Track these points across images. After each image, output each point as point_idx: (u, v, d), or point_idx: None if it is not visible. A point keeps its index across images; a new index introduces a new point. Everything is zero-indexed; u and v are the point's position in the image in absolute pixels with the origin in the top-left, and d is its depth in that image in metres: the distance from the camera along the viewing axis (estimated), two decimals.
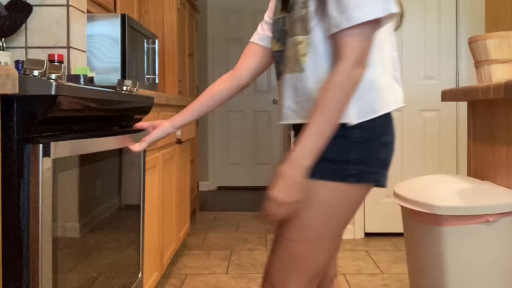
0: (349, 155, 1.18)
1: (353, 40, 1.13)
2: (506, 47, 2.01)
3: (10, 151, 1.12)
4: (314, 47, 1.20)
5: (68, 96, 1.20)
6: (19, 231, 1.14)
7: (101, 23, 2.50)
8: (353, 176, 1.19)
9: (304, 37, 1.21)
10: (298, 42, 1.22)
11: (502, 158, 1.90)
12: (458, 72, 3.86)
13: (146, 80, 2.94)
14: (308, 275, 1.23)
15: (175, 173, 2.97)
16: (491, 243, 1.60)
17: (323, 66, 1.19)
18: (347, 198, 1.21)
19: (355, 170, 1.19)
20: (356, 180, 1.19)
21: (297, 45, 1.22)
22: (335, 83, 1.13)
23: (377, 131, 1.21)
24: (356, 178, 1.19)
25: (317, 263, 1.23)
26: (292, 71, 1.25)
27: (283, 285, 1.23)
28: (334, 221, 1.22)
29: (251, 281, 2.89)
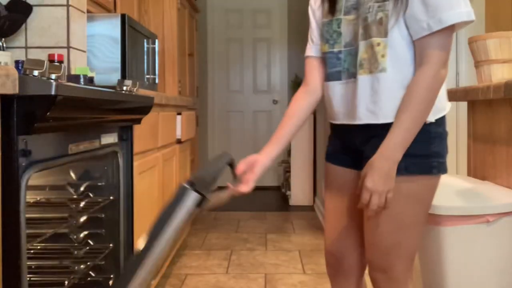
0: (430, 149, 1.31)
1: (440, 43, 1.24)
2: (506, 47, 2.01)
3: (10, 151, 1.12)
4: (393, 48, 1.28)
5: (68, 96, 1.20)
6: (19, 231, 1.14)
7: (101, 23, 2.50)
8: (435, 168, 1.32)
9: (382, 39, 1.28)
10: (377, 43, 1.29)
11: (502, 158, 1.90)
12: (458, 72, 3.85)
13: (146, 80, 2.94)
14: (409, 257, 1.37)
15: (175, 173, 2.97)
16: (491, 243, 1.60)
17: (403, 66, 1.28)
18: (429, 188, 1.34)
19: (436, 163, 1.32)
20: (437, 172, 1.33)
21: (375, 46, 1.29)
22: (423, 84, 1.24)
23: (444, 125, 1.35)
24: (437, 170, 1.32)
25: (414, 246, 1.37)
26: (370, 72, 1.31)
27: (394, 270, 1.36)
28: (421, 209, 1.35)
29: (251, 281, 2.89)
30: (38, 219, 1.78)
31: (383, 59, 1.28)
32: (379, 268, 1.38)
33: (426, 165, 1.31)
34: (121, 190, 1.87)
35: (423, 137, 1.29)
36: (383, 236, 1.35)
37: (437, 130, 1.32)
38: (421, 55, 1.25)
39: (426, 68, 1.24)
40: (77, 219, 1.83)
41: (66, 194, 1.86)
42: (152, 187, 2.39)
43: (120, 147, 1.86)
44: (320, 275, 2.98)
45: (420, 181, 1.32)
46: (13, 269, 1.13)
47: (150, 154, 2.37)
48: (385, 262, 1.36)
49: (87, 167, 1.87)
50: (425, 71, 1.24)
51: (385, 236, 1.34)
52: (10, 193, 1.12)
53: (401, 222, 1.33)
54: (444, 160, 1.34)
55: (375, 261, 1.38)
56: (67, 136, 1.41)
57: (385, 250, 1.36)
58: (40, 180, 1.84)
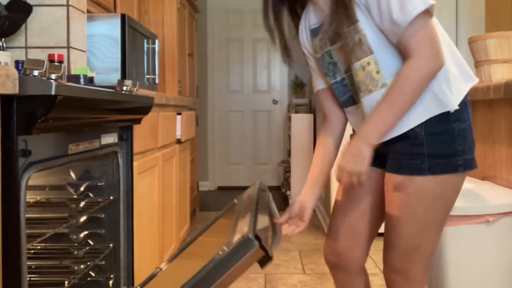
0: (455, 147, 1.30)
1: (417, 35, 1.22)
2: (506, 47, 2.01)
3: (10, 151, 1.12)
4: (384, 60, 1.29)
5: (68, 96, 1.20)
6: (19, 231, 1.14)
7: (101, 23, 2.50)
8: (461, 166, 1.31)
9: (369, 57, 1.30)
10: (366, 63, 1.30)
11: (502, 158, 1.90)
12: None
13: (146, 80, 2.94)
14: (427, 259, 1.38)
15: (175, 173, 2.97)
16: (491, 243, 1.60)
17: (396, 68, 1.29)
18: (454, 187, 1.34)
19: (462, 160, 1.31)
20: (464, 169, 1.32)
21: (366, 67, 1.31)
22: (404, 76, 1.23)
23: (468, 120, 1.34)
24: (464, 167, 1.32)
25: (433, 248, 1.38)
26: (371, 92, 1.33)
27: (411, 270, 1.36)
28: (443, 210, 1.35)
29: (251, 281, 2.89)
30: (38, 219, 1.78)
31: (379, 75, 1.30)
32: (398, 270, 1.38)
33: (451, 164, 1.31)
34: (121, 190, 1.87)
35: (445, 137, 1.30)
36: (404, 238, 1.35)
37: (460, 128, 1.31)
38: (406, 53, 1.26)
39: (410, 61, 1.23)
40: (77, 219, 1.83)
41: (66, 194, 1.86)
42: (152, 187, 2.39)
43: (120, 147, 1.86)
44: (320, 275, 2.98)
45: (445, 180, 1.31)
46: (13, 269, 1.13)
47: (150, 154, 2.37)
48: (405, 265, 1.36)
49: (87, 167, 1.87)
50: (408, 64, 1.24)
51: (406, 238, 1.35)
52: (10, 193, 1.12)
53: (424, 225, 1.33)
54: (470, 156, 1.34)
55: (394, 263, 1.38)
56: (67, 136, 1.41)
57: (405, 252, 1.36)
58: (40, 180, 1.84)
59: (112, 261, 1.86)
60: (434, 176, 1.30)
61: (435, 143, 1.29)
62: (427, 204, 1.32)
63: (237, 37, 6.15)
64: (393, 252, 1.38)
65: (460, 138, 1.31)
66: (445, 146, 1.30)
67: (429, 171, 1.29)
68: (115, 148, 1.82)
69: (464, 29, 3.87)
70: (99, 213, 1.86)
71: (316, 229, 4.13)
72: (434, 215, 1.34)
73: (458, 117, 1.31)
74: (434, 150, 1.29)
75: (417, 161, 1.30)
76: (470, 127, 1.35)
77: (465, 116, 1.33)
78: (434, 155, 1.29)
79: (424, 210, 1.32)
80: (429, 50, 1.23)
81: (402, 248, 1.36)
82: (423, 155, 1.30)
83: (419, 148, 1.30)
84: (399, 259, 1.37)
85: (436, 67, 1.24)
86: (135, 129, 2.00)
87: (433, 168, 1.30)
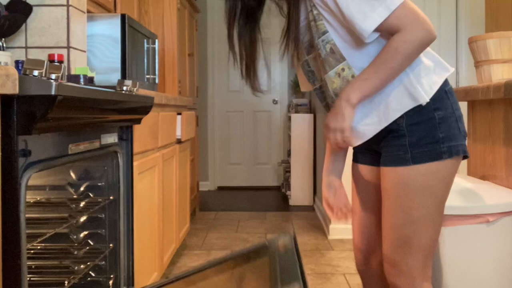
0: (437, 135, 1.31)
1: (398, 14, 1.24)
2: (506, 47, 2.01)
3: (10, 151, 1.12)
4: (356, 64, 1.32)
5: (68, 96, 1.20)
6: (19, 231, 1.14)
7: (101, 23, 2.50)
8: (445, 153, 1.32)
9: (342, 64, 1.33)
10: (341, 69, 1.33)
11: (502, 158, 1.90)
12: (458, 72, 3.86)
13: (146, 80, 2.94)
14: (423, 252, 1.36)
15: (175, 173, 2.97)
16: (491, 243, 1.60)
17: None
18: (441, 176, 1.34)
19: (446, 147, 1.32)
20: (449, 156, 1.32)
21: (341, 73, 1.34)
22: (390, 46, 1.25)
23: (451, 108, 1.34)
24: (448, 154, 1.32)
25: (428, 239, 1.36)
26: None
27: (403, 265, 1.36)
28: (432, 201, 1.35)
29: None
30: (38, 219, 1.78)
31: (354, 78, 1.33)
32: (390, 261, 1.39)
33: (434, 152, 1.31)
34: (121, 190, 1.87)
35: (426, 125, 1.31)
36: (393, 229, 1.36)
37: (441, 115, 1.32)
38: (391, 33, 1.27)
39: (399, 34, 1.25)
40: (77, 219, 1.83)
41: (66, 194, 1.86)
42: (152, 187, 2.39)
43: (120, 147, 1.86)
44: (320, 275, 2.97)
45: (430, 169, 1.32)
46: (13, 269, 1.13)
47: (150, 154, 2.37)
48: (396, 256, 1.37)
49: (87, 167, 1.87)
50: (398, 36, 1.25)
51: (395, 229, 1.36)
52: (10, 193, 1.12)
53: (411, 216, 1.34)
54: (456, 142, 1.34)
55: (386, 253, 1.40)
56: (67, 136, 1.41)
57: (395, 243, 1.37)
58: (40, 180, 1.84)
59: (112, 261, 1.86)
60: (417, 165, 1.31)
61: (416, 132, 1.31)
62: (412, 195, 1.33)
63: None
64: (385, 243, 1.39)
65: (442, 125, 1.32)
66: (426, 134, 1.31)
67: (412, 161, 1.31)
68: (115, 148, 1.82)
69: (464, 29, 3.87)
70: (99, 213, 1.86)
71: (316, 229, 4.13)
72: (421, 206, 1.34)
73: (438, 106, 1.32)
74: (415, 139, 1.31)
75: (400, 152, 1.32)
76: (454, 115, 1.35)
77: (447, 104, 1.34)
78: (416, 144, 1.31)
79: (409, 201, 1.33)
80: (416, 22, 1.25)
81: (392, 239, 1.37)
82: (405, 146, 1.32)
83: (402, 140, 1.32)
84: (390, 250, 1.38)
85: (426, 37, 1.26)
86: (135, 129, 2.00)
87: (416, 157, 1.31)
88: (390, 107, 1.32)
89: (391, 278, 1.39)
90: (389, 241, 1.38)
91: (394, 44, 1.25)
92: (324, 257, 3.31)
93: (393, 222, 1.36)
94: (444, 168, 1.34)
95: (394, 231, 1.36)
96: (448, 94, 1.36)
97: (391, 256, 1.38)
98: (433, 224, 1.37)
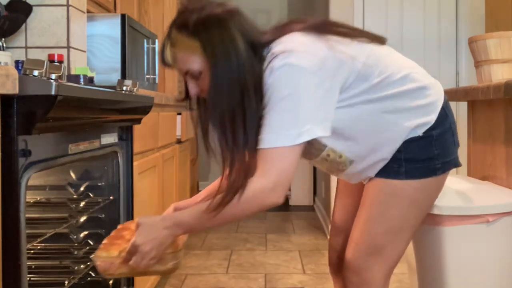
0: (432, 151, 1.29)
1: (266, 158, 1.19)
2: (506, 47, 2.01)
3: (10, 151, 1.12)
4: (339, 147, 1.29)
5: (68, 96, 1.20)
6: (19, 231, 1.14)
7: (101, 23, 2.50)
8: (439, 169, 1.30)
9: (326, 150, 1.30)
10: (326, 155, 1.31)
11: (502, 158, 1.90)
12: (458, 72, 3.86)
13: (146, 80, 2.94)
14: (390, 262, 1.35)
15: (175, 173, 2.97)
16: (491, 243, 1.60)
17: (356, 142, 1.28)
18: (432, 191, 1.34)
19: (440, 164, 1.30)
20: (442, 172, 1.32)
21: (327, 158, 1.32)
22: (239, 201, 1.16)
23: (448, 122, 1.32)
24: (442, 170, 1.31)
25: (400, 251, 1.36)
26: (342, 170, 1.35)
27: (369, 272, 1.33)
28: (417, 215, 1.35)
29: (251, 281, 2.89)
30: (38, 219, 1.78)
31: (342, 158, 1.31)
32: (355, 269, 1.35)
33: (429, 168, 1.30)
34: (121, 190, 1.87)
35: (422, 142, 1.28)
36: (371, 236, 1.33)
37: (438, 132, 1.30)
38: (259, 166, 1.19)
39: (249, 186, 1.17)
40: (77, 219, 1.83)
41: (66, 194, 1.86)
42: (152, 187, 2.39)
43: (120, 147, 1.86)
44: (320, 275, 2.98)
45: (424, 184, 1.31)
46: (13, 269, 1.13)
47: (150, 154, 2.37)
48: (364, 264, 1.34)
49: (87, 167, 1.87)
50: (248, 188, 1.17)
51: (373, 236, 1.33)
52: (10, 193, 1.12)
53: (393, 227, 1.32)
54: (450, 157, 1.32)
55: (353, 261, 1.36)
56: (67, 136, 1.41)
57: (368, 250, 1.34)
58: (40, 180, 1.84)
59: None
60: (411, 180, 1.29)
61: (412, 148, 1.28)
62: (400, 208, 1.31)
63: None
64: (355, 250, 1.35)
65: (437, 142, 1.29)
66: (422, 151, 1.29)
67: (406, 175, 1.29)
68: (115, 148, 1.82)
69: (464, 29, 3.87)
70: (99, 213, 1.86)
71: (316, 229, 4.13)
72: (406, 219, 1.33)
73: (436, 125, 1.30)
74: (411, 155, 1.28)
75: (395, 165, 1.30)
76: (451, 129, 1.33)
77: (446, 121, 1.32)
78: (411, 159, 1.28)
79: (396, 213, 1.31)
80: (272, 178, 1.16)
81: (366, 245, 1.34)
82: (400, 160, 1.29)
83: (397, 154, 1.29)
84: (358, 256, 1.35)
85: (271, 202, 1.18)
86: (135, 129, 2.00)
87: (410, 172, 1.29)
88: (373, 170, 1.32)
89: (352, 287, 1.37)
90: (360, 246, 1.34)
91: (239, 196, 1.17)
92: (324, 257, 3.31)
93: (372, 229, 1.33)
94: (436, 182, 1.33)
95: (369, 238, 1.33)
96: (446, 110, 1.32)
97: (357, 263, 1.35)
98: (408, 238, 1.37)
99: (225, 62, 1.17)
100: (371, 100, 1.24)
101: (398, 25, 3.83)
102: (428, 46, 3.89)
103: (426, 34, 3.89)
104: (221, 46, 1.17)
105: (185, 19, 1.20)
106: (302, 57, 1.15)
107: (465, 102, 2.54)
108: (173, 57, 1.24)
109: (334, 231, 1.59)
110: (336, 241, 1.57)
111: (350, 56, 1.20)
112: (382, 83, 1.24)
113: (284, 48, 1.16)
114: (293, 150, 1.16)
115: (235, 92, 1.17)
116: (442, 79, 3.83)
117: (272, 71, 1.15)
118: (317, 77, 1.15)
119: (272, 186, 1.16)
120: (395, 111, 1.25)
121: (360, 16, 3.82)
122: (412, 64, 1.34)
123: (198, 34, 1.18)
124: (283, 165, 1.16)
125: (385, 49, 1.31)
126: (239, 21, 1.21)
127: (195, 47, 1.18)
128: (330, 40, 1.20)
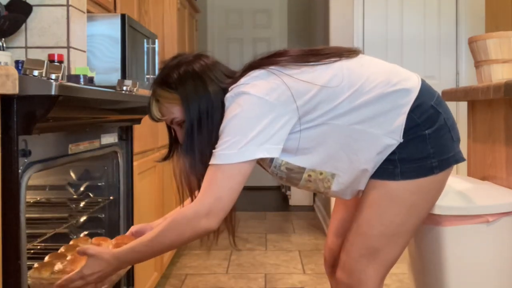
0: (427, 150, 1.28)
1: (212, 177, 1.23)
2: (506, 47, 2.01)
3: (10, 151, 1.12)
4: (317, 165, 1.30)
5: (68, 96, 1.20)
6: (19, 231, 1.14)
7: (101, 23, 2.50)
8: (436, 168, 1.29)
9: (306, 172, 1.31)
10: (308, 176, 1.32)
11: (502, 158, 1.90)
12: (458, 72, 3.86)
13: (146, 80, 2.94)
14: (385, 265, 1.34)
15: None
16: (491, 243, 1.60)
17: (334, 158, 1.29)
18: (430, 192, 1.33)
19: (436, 162, 1.29)
20: (440, 170, 1.30)
21: (309, 178, 1.33)
22: (179, 228, 1.22)
23: (442, 119, 1.30)
24: (440, 168, 1.30)
25: (395, 255, 1.35)
26: (329, 187, 1.35)
27: (363, 274, 1.33)
28: (415, 218, 1.34)
29: (251, 281, 2.89)
30: (38, 219, 1.78)
31: (323, 175, 1.32)
32: (350, 270, 1.35)
33: (425, 167, 1.29)
34: (121, 190, 1.87)
35: (417, 142, 1.28)
36: (365, 237, 1.33)
37: (432, 130, 1.29)
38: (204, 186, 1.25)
39: (185, 213, 1.22)
40: (77, 219, 1.83)
41: (66, 194, 1.86)
42: (152, 187, 2.39)
43: (120, 147, 1.86)
44: (320, 275, 2.97)
45: (421, 185, 1.30)
46: (13, 269, 1.13)
47: (150, 154, 2.37)
48: (357, 266, 1.34)
49: (87, 167, 1.87)
50: (181, 217, 1.22)
51: (367, 237, 1.33)
52: (10, 193, 1.12)
53: (388, 230, 1.32)
54: (448, 154, 1.31)
55: (347, 262, 1.36)
56: (67, 136, 1.41)
57: (361, 252, 1.33)
58: (40, 180, 1.84)
59: None
60: (407, 181, 1.28)
61: (406, 148, 1.27)
62: (396, 210, 1.31)
63: (237, 37, 6.14)
64: (350, 250, 1.36)
65: (432, 140, 1.29)
66: (416, 150, 1.28)
67: (402, 176, 1.28)
68: (115, 148, 1.82)
69: (464, 29, 3.87)
70: (99, 213, 1.86)
71: (316, 229, 4.13)
72: (402, 224, 1.32)
73: (427, 124, 1.29)
74: (405, 154, 1.28)
75: (390, 166, 1.29)
76: (446, 125, 1.31)
77: (436, 118, 1.30)
78: (406, 159, 1.28)
79: (392, 216, 1.31)
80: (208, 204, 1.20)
81: (359, 246, 1.34)
82: (394, 161, 1.28)
83: (391, 155, 1.29)
84: (352, 257, 1.35)
85: (204, 228, 1.21)
86: (135, 129, 2.00)
87: (406, 173, 1.28)
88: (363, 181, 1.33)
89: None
90: (355, 247, 1.35)
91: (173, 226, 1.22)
92: None
93: (367, 231, 1.33)
94: (435, 182, 1.32)
95: (364, 239, 1.33)
96: (436, 107, 1.31)
97: (352, 264, 1.35)
98: (405, 242, 1.36)
99: (197, 104, 1.30)
100: (341, 114, 1.26)
101: (398, 25, 3.83)
102: (428, 46, 3.89)
103: (426, 34, 3.89)
104: (195, 95, 1.31)
105: (165, 76, 1.35)
106: (252, 86, 1.24)
107: (465, 102, 2.54)
108: (159, 110, 1.37)
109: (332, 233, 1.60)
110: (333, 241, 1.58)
111: (308, 84, 1.25)
112: (351, 97, 1.27)
113: (239, 83, 1.28)
114: (232, 169, 1.20)
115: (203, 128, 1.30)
116: (442, 79, 3.86)
117: (227, 101, 1.27)
118: (264, 102, 1.22)
119: (206, 212, 1.19)
120: (363, 121, 1.27)
121: (360, 16, 3.82)
122: (387, 69, 1.33)
123: (177, 88, 1.32)
124: (221, 186, 1.20)
125: (355, 62, 1.32)
126: (211, 70, 1.35)
127: (176, 99, 1.32)
128: (287, 71, 1.27)
